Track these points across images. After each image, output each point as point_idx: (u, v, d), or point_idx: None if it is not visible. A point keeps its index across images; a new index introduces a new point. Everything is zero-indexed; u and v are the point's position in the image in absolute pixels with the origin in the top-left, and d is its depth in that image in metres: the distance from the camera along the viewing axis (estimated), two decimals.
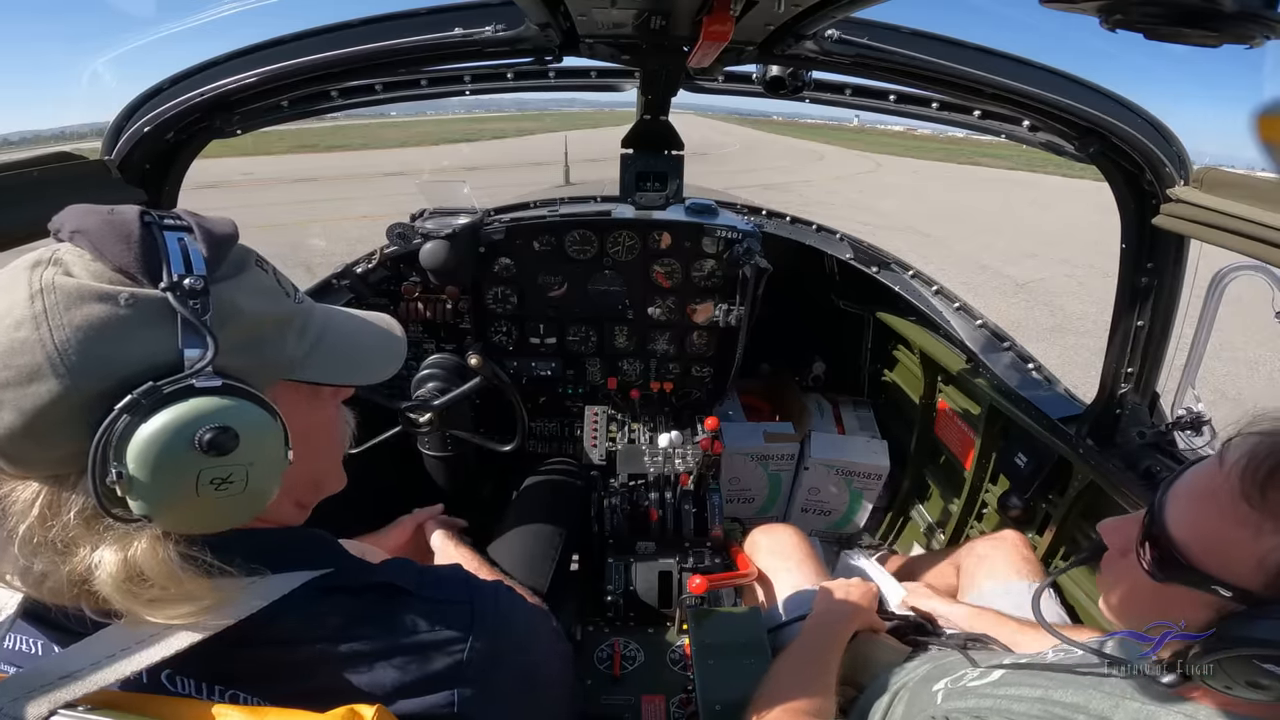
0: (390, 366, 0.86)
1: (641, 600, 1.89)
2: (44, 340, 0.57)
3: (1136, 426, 1.66)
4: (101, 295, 0.60)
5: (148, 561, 0.62)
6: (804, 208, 9.04)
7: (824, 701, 1.16)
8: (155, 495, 0.60)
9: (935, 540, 2.51)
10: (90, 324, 0.58)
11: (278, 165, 21.43)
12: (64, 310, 0.58)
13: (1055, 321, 7.95)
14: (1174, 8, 0.64)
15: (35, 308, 0.58)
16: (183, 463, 0.60)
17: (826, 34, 1.30)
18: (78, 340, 0.58)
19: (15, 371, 0.57)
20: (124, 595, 0.61)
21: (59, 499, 0.61)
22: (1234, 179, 1.20)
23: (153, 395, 0.59)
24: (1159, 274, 1.51)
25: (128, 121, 1.42)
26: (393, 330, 0.89)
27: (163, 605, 0.62)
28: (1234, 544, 0.71)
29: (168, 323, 0.61)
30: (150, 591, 0.62)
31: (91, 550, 0.61)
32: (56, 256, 0.61)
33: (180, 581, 0.63)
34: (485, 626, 0.76)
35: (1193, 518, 0.76)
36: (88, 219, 0.63)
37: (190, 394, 0.61)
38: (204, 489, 0.61)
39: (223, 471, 0.62)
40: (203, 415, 0.60)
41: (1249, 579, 0.70)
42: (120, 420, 0.58)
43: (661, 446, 2.18)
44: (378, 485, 2.18)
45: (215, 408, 0.61)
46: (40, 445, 0.59)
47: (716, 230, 2.13)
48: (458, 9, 1.33)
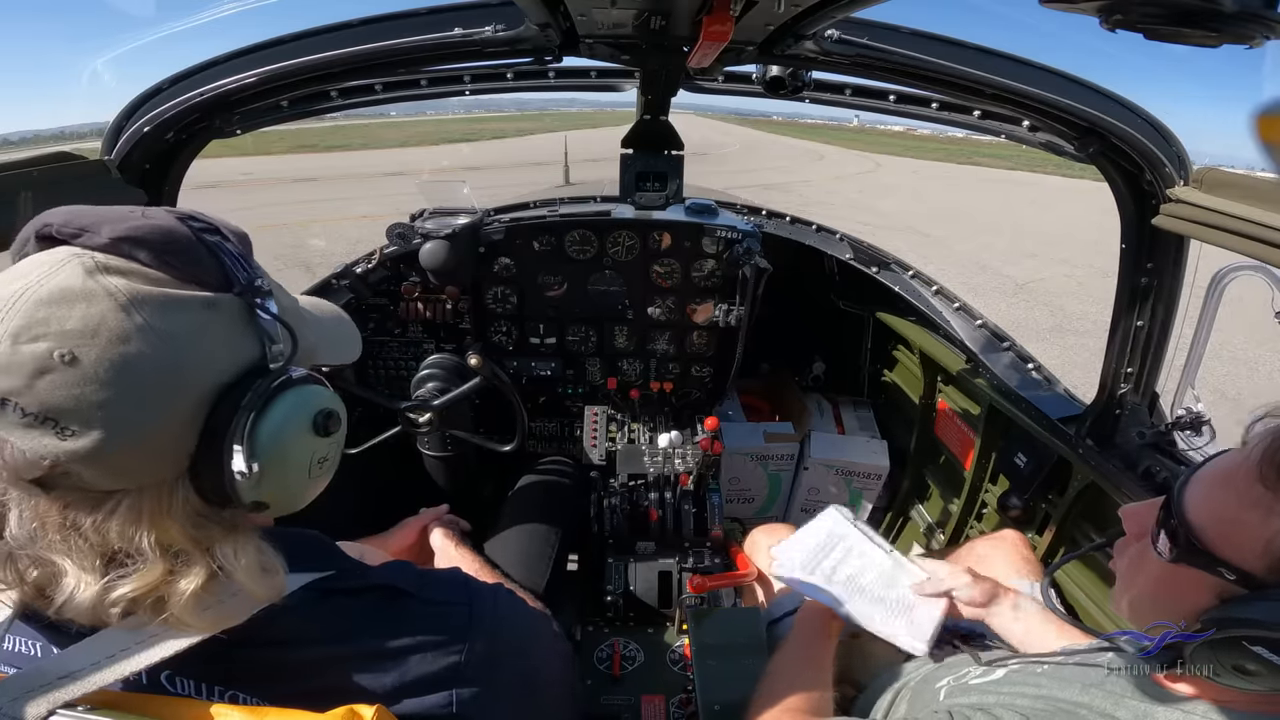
0: (358, 344, 0.92)
1: (641, 600, 1.89)
2: (158, 352, 0.57)
3: (1136, 427, 1.66)
4: (188, 303, 0.61)
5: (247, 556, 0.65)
6: (804, 208, 9.06)
7: (821, 695, 1.16)
8: (281, 481, 0.65)
9: (935, 540, 2.51)
10: (190, 331, 0.60)
11: (277, 165, 21.42)
12: (164, 320, 0.58)
13: (1055, 321, 7.95)
14: (1174, 8, 0.64)
15: (136, 320, 0.57)
16: (306, 446, 0.67)
17: (826, 34, 1.30)
18: (185, 348, 0.59)
19: (134, 388, 0.56)
20: (192, 600, 0.62)
21: (162, 508, 0.61)
22: (1234, 179, 1.20)
23: (266, 388, 0.63)
24: (1159, 274, 1.51)
25: (127, 121, 1.42)
26: (343, 314, 0.93)
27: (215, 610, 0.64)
28: (1245, 525, 0.71)
29: (244, 323, 0.65)
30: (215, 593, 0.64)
31: (202, 548, 0.63)
32: (102, 263, 0.58)
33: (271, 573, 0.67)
34: (483, 628, 0.77)
35: (1209, 499, 0.76)
36: (134, 225, 0.61)
37: (292, 384, 0.66)
38: (314, 469, 0.68)
39: (326, 450, 0.69)
40: (311, 402, 0.66)
41: (1254, 562, 0.70)
42: (246, 416, 0.61)
43: (661, 446, 2.18)
44: (378, 485, 2.18)
45: (316, 394, 0.68)
46: (153, 456, 0.60)
47: (716, 230, 2.13)
48: (458, 9, 1.33)
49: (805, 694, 1.15)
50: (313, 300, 0.89)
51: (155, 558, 0.61)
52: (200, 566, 0.63)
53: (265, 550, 0.67)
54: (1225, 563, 0.72)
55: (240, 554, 0.64)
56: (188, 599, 0.61)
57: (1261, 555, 0.69)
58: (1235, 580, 0.71)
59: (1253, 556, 0.70)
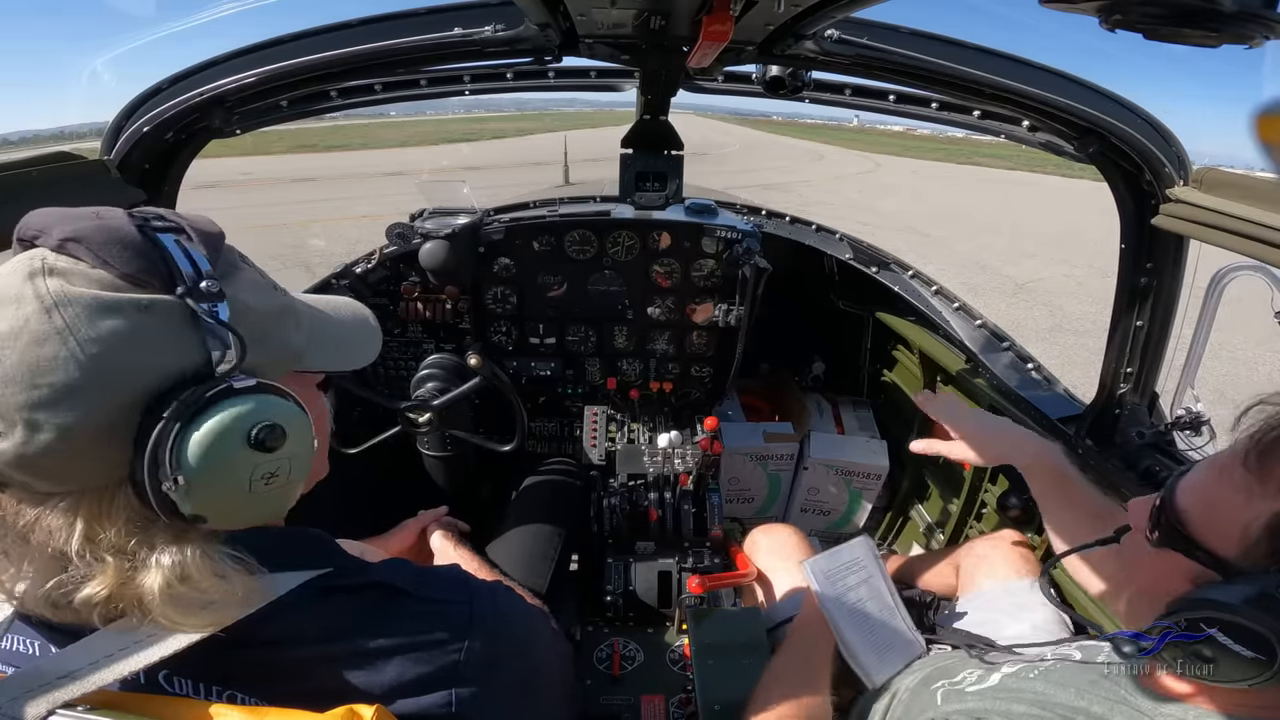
0: (374, 348, 0.88)
1: (641, 600, 1.89)
2: (74, 355, 0.56)
3: (1135, 426, 1.66)
4: (121, 305, 0.59)
5: (197, 563, 0.63)
6: (803, 208, 9.06)
7: (819, 700, 1.16)
8: (213, 496, 0.62)
9: (935, 540, 2.51)
10: (117, 334, 0.58)
11: (277, 165, 21.43)
12: (87, 323, 0.57)
13: (1054, 321, 7.95)
14: (1173, 8, 0.64)
15: (56, 322, 0.56)
16: (239, 462, 0.62)
17: (826, 34, 1.29)
18: (108, 352, 0.57)
19: (49, 390, 0.56)
20: (167, 601, 0.62)
21: (102, 511, 0.61)
22: (1233, 179, 1.20)
23: (196, 399, 0.60)
24: (1158, 274, 1.51)
25: (127, 121, 1.42)
26: (367, 317, 0.90)
27: (203, 611, 0.63)
28: (1225, 509, 0.71)
29: (188, 327, 0.62)
30: (193, 595, 0.63)
31: (149, 553, 0.62)
32: (49, 265, 0.59)
33: (223, 581, 0.64)
34: (483, 626, 0.77)
35: (1196, 484, 0.77)
36: (80, 225, 0.61)
37: (231, 394, 0.62)
38: (256, 485, 0.64)
39: (272, 466, 0.65)
40: (251, 414, 0.62)
41: (1230, 548, 0.70)
42: (171, 427, 0.59)
43: (661, 446, 2.18)
44: (377, 485, 2.18)
45: (260, 406, 0.63)
46: (81, 461, 0.59)
47: (716, 230, 2.13)
48: (457, 9, 1.33)
49: (803, 698, 1.15)
50: (333, 301, 0.87)
51: (107, 560, 0.61)
52: (155, 570, 0.62)
53: (217, 557, 0.65)
54: (1203, 547, 0.72)
55: (189, 563, 0.62)
56: (161, 600, 0.61)
57: (1238, 540, 0.69)
58: (1211, 565, 0.71)
59: (1229, 542, 0.70)
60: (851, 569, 1.47)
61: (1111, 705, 0.82)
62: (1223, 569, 0.70)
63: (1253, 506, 0.68)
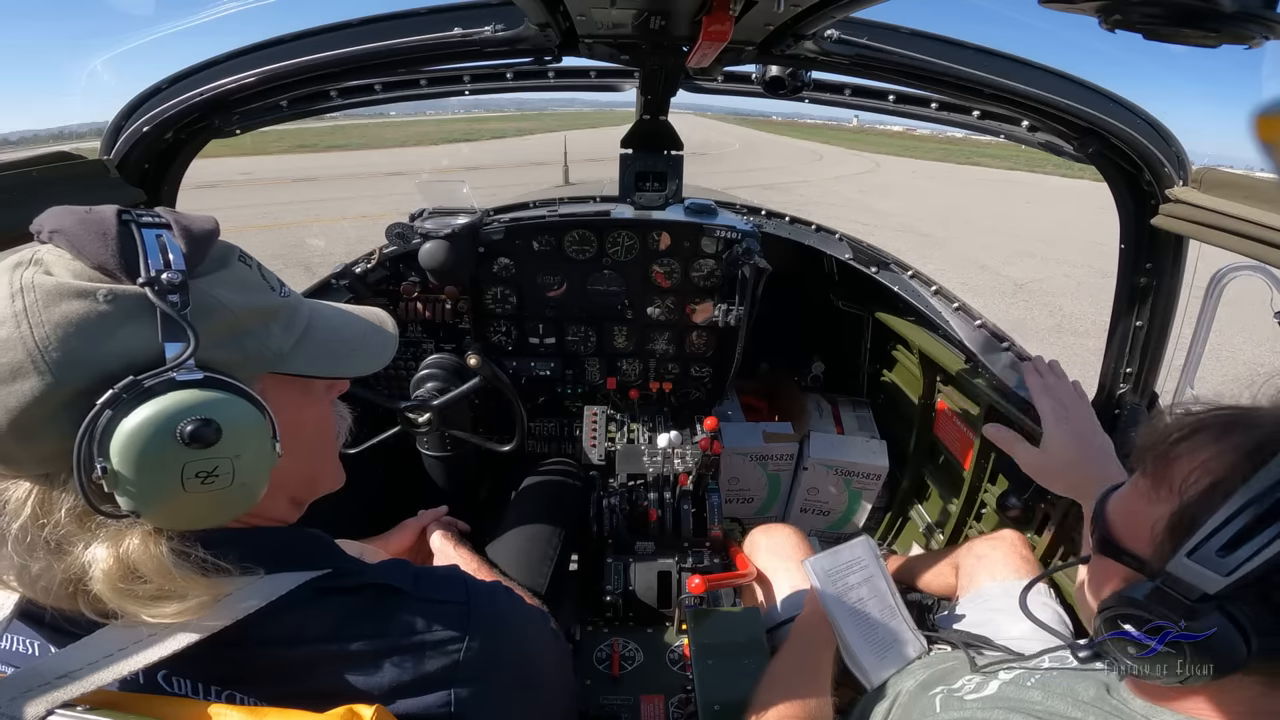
0: (379, 358, 0.86)
1: (640, 600, 1.89)
2: (24, 337, 0.57)
3: (1135, 427, 1.66)
4: (80, 292, 0.60)
5: (141, 558, 0.62)
6: (803, 208, 9.04)
7: (822, 700, 1.16)
8: (141, 490, 0.60)
9: (934, 540, 2.51)
10: (69, 320, 0.59)
11: (277, 165, 21.41)
12: (43, 308, 0.58)
13: (1054, 321, 7.95)
14: (1173, 8, 0.64)
15: (15, 306, 0.58)
16: (166, 456, 0.60)
17: (826, 34, 1.29)
18: (58, 337, 0.58)
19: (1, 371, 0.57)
20: (118, 593, 0.62)
21: (49, 497, 0.61)
22: (1233, 179, 1.20)
23: (134, 389, 0.59)
24: (1158, 274, 1.51)
25: (127, 121, 1.42)
26: (383, 324, 0.89)
27: (157, 603, 0.62)
28: (1138, 514, 0.76)
29: (148, 318, 0.62)
30: (145, 589, 0.62)
31: (85, 548, 0.62)
32: (37, 257, 0.62)
33: (174, 578, 0.63)
34: (482, 626, 0.76)
35: (1121, 493, 0.82)
36: (65, 219, 0.63)
37: (171, 387, 0.61)
38: (190, 483, 0.61)
39: (208, 465, 0.62)
40: (184, 408, 0.60)
41: (1146, 549, 0.74)
42: (103, 415, 0.59)
43: (660, 446, 2.18)
44: (377, 485, 2.18)
45: (196, 400, 0.61)
46: (26, 443, 0.59)
47: (716, 230, 2.13)
48: (457, 9, 1.33)
49: (805, 699, 1.15)
50: (350, 308, 0.87)
51: (50, 546, 0.61)
52: (95, 563, 0.61)
53: (166, 555, 0.63)
54: (1127, 551, 0.77)
55: (130, 558, 0.61)
56: (110, 591, 0.61)
57: (1150, 541, 0.73)
58: (1135, 567, 0.75)
59: (1144, 543, 0.74)
60: (853, 568, 1.47)
61: (1105, 716, 0.81)
62: (1144, 570, 0.74)
63: (1155, 509, 0.73)
